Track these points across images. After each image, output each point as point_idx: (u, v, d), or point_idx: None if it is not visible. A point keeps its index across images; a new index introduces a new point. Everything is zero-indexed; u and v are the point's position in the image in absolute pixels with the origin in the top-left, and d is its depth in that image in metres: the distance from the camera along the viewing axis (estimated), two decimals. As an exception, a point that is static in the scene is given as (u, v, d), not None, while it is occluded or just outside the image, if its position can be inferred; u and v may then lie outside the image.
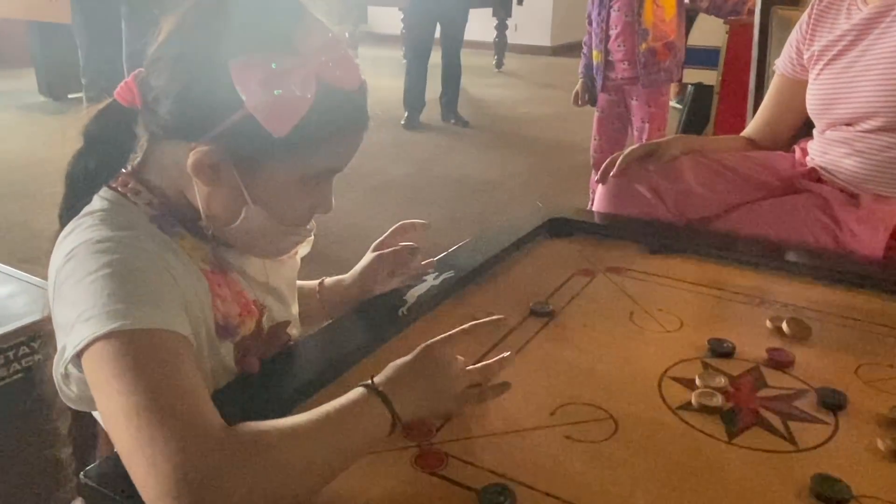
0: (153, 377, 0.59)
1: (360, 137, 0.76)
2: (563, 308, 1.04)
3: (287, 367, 0.83)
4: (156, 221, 0.73)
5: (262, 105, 0.66)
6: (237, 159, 0.70)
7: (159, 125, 0.71)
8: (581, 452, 0.73)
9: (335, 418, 0.63)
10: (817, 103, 1.40)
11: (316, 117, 0.68)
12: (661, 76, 2.90)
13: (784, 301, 1.08)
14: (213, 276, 0.76)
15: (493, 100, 6.44)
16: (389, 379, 0.69)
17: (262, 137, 0.67)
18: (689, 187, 1.36)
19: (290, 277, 0.92)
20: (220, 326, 0.76)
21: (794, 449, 0.74)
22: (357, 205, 3.51)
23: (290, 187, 0.73)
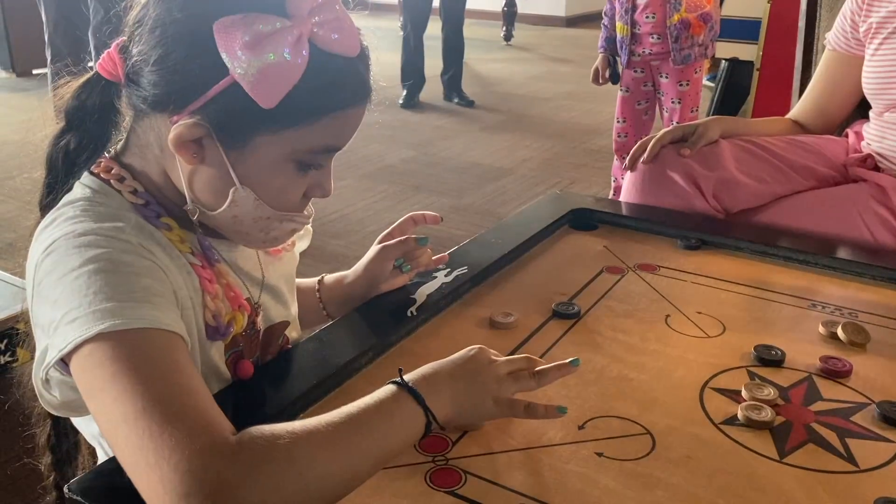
0: (152, 379, 0.59)
1: (361, 111, 0.75)
2: (589, 309, 1.04)
3: (284, 373, 0.83)
4: (140, 211, 0.73)
5: (248, 72, 0.66)
6: (223, 134, 0.70)
7: (142, 98, 0.71)
8: (615, 471, 0.72)
9: (359, 419, 0.63)
10: (875, 83, 1.40)
11: (310, 86, 0.68)
12: (696, 51, 2.90)
13: (838, 303, 1.08)
14: (203, 270, 0.76)
15: (502, 76, 6.44)
16: (423, 376, 0.70)
17: (249, 109, 0.67)
18: (730, 175, 1.35)
19: (289, 274, 0.92)
20: (209, 326, 0.76)
21: (854, 469, 0.74)
22: (350, 193, 3.51)
23: (282, 167, 0.72)
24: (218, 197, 0.73)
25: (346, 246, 2.94)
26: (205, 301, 0.75)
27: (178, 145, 0.70)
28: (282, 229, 0.78)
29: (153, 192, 0.76)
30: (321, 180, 0.77)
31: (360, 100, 0.74)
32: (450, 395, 0.69)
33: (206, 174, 0.72)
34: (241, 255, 0.83)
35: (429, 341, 0.95)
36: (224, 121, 0.69)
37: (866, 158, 1.41)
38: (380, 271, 0.99)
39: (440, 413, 0.67)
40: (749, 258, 1.22)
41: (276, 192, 0.74)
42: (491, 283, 1.11)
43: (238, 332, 0.79)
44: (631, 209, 1.37)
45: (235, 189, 0.72)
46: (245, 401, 0.77)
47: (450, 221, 3.16)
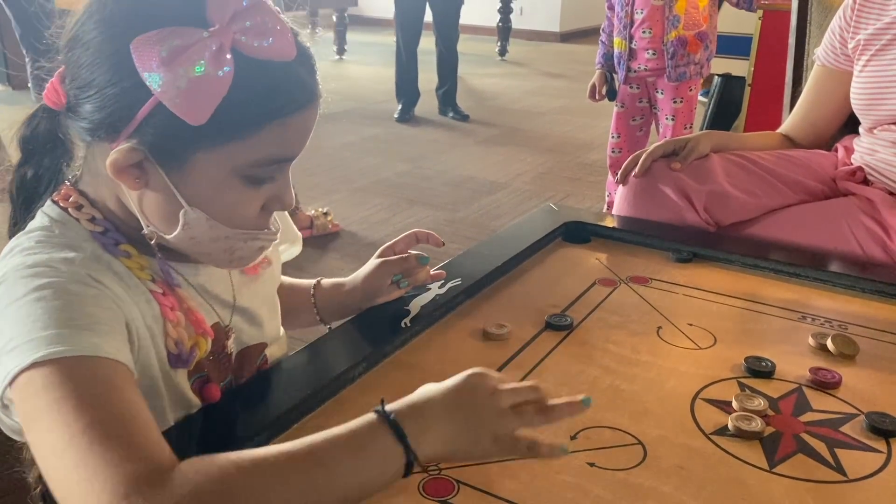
0: (86, 407, 0.57)
1: (308, 118, 0.71)
2: (582, 321, 1.05)
3: (257, 395, 0.82)
4: (99, 239, 0.71)
5: (169, 90, 0.63)
6: (160, 156, 0.67)
7: (82, 127, 0.69)
8: (606, 481, 0.73)
9: (323, 452, 0.58)
10: (863, 98, 1.42)
11: (242, 97, 0.64)
12: (691, 69, 2.92)
13: (828, 316, 1.09)
14: (165, 297, 0.74)
15: (496, 91, 6.47)
16: (411, 405, 0.63)
17: (181, 127, 0.64)
18: (721, 189, 1.37)
19: (267, 293, 0.89)
20: (171, 354, 0.74)
21: (843, 479, 0.75)
22: (345, 206, 3.52)
23: (229, 183, 0.69)
24: (170, 221, 0.71)
25: (340, 258, 2.95)
26: (166, 329, 0.73)
27: (118, 172, 0.68)
28: (247, 248, 0.75)
29: (111, 219, 0.74)
30: (278, 193, 0.73)
31: (302, 105, 0.69)
32: (442, 429, 0.62)
33: (153, 198, 0.70)
34: (210, 278, 0.80)
35: (422, 352, 0.95)
36: (158, 142, 0.66)
37: (855, 172, 1.43)
38: (378, 285, 0.99)
39: (426, 451, 0.61)
40: (740, 271, 1.23)
41: (227, 210, 0.71)
42: (484, 295, 1.11)
43: (202, 357, 0.77)
44: (623, 222, 1.39)
45: (185, 211, 0.70)
46: (207, 427, 0.76)
47: (444, 235, 3.16)
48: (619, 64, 3.03)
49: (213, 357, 0.79)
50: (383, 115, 5.39)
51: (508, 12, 7.96)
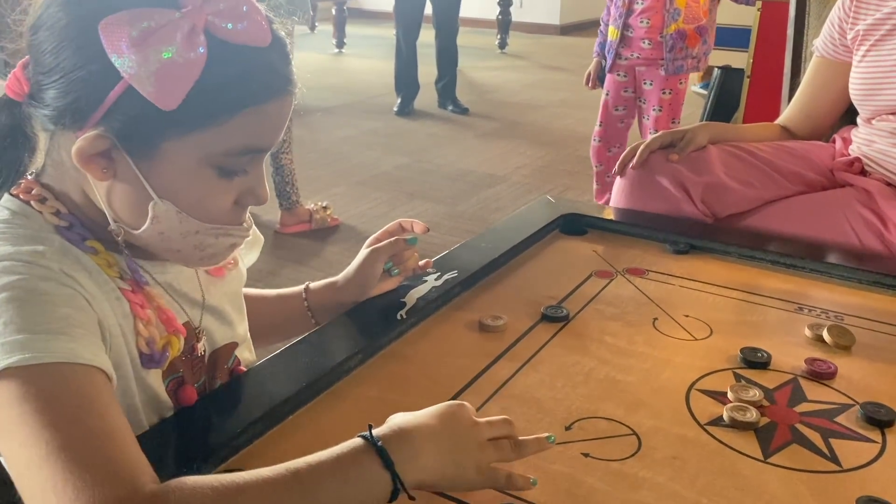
0: (61, 422, 0.55)
1: (282, 107, 0.69)
2: (578, 313, 1.05)
3: (251, 387, 0.82)
4: (64, 234, 0.68)
5: (140, 73, 0.60)
6: (128, 144, 0.65)
7: (46, 115, 0.66)
8: (601, 471, 0.73)
9: (308, 478, 0.57)
10: (862, 89, 1.41)
11: (214, 83, 0.63)
12: (688, 63, 2.93)
13: (824, 307, 1.09)
14: (135, 295, 0.71)
15: (496, 84, 6.46)
16: (397, 431, 0.62)
17: (151, 113, 0.62)
18: (719, 180, 1.36)
19: (234, 292, 0.87)
20: (143, 354, 0.72)
21: (837, 469, 0.75)
22: (344, 200, 3.52)
23: (200, 174, 0.67)
24: (138, 214, 0.68)
25: (340, 253, 2.95)
26: (137, 328, 0.71)
27: (84, 161, 0.65)
28: (218, 245, 0.72)
29: (76, 213, 0.71)
30: (252, 186, 0.71)
31: (276, 94, 0.68)
32: (428, 457, 0.62)
33: (121, 190, 0.68)
34: (178, 277, 0.78)
35: (418, 344, 0.96)
36: (127, 129, 0.64)
37: (853, 163, 1.42)
38: (370, 273, 0.99)
39: (412, 478, 0.60)
40: (737, 262, 1.23)
41: (198, 203, 0.69)
42: (481, 287, 1.11)
43: (175, 356, 0.75)
44: (620, 214, 1.38)
45: (154, 203, 0.67)
46: (185, 432, 0.75)
47: (443, 228, 3.17)
48: (608, 51, 3.04)
49: (185, 357, 0.77)
50: (383, 108, 5.38)
51: (508, 5, 7.94)
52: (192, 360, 0.79)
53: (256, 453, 0.73)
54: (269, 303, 0.99)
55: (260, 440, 0.75)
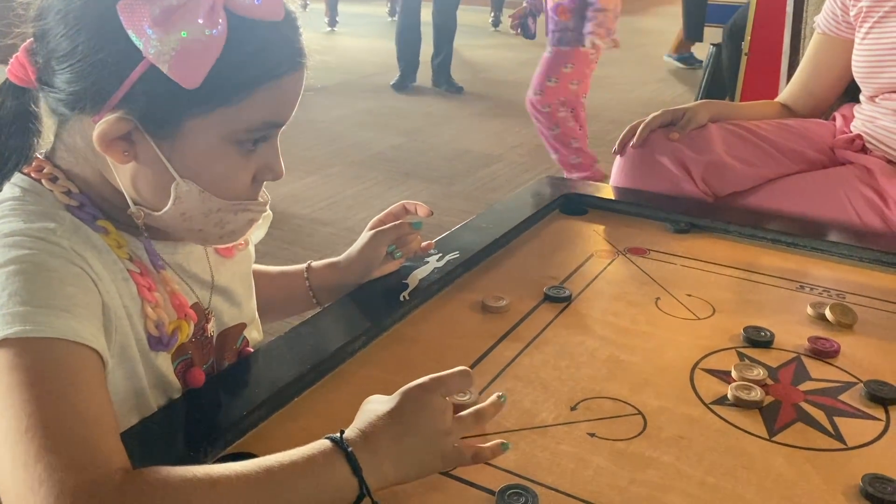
0: (46, 398, 0.55)
1: (297, 81, 0.70)
2: (580, 293, 1.04)
3: (256, 370, 0.81)
4: (75, 213, 0.68)
5: (163, 51, 0.60)
6: (150, 125, 0.65)
7: (59, 100, 0.66)
8: (606, 451, 0.73)
9: (280, 475, 0.57)
10: (865, 67, 1.41)
11: (235, 58, 0.63)
12: (568, 36, 3.12)
13: (826, 285, 1.09)
14: (143, 278, 0.71)
15: (491, 63, 6.42)
16: (364, 434, 0.62)
17: (173, 93, 0.62)
18: (719, 159, 1.36)
19: (244, 272, 0.87)
20: (152, 337, 0.71)
21: (842, 447, 0.75)
22: (340, 181, 3.50)
23: (222, 151, 0.67)
24: (160, 195, 0.68)
25: (335, 233, 2.94)
26: (145, 311, 0.71)
27: (105, 145, 0.65)
28: (237, 221, 0.73)
29: (88, 193, 0.70)
30: (269, 161, 0.72)
31: (293, 67, 0.68)
32: (393, 460, 0.62)
33: (143, 172, 0.67)
34: (188, 258, 0.78)
35: (421, 326, 0.95)
36: (149, 110, 0.64)
37: (854, 140, 1.42)
38: (373, 256, 0.99)
39: (378, 481, 0.61)
40: (738, 241, 1.23)
41: (220, 180, 0.69)
42: (483, 268, 1.11)
43: (184, 340, 0.75)
44: (621, 194, 1.38)
45: (177, 184, 0.67)
46: (194, 413, 0.75)
47: (440, 208, 3.16)
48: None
49: (194, 339, 0.77)
50: (377, 87, 5.35)
51: (502, -18, 7.88)
52: (202, 342, 0.79)
53: (262, 436, 0.73)
54: (272, 279, 0.98)
55: (265, 423, 0.75)
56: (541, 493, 0.66)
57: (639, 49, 7.22)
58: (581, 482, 0.69)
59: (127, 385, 0.71)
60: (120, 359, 0.69)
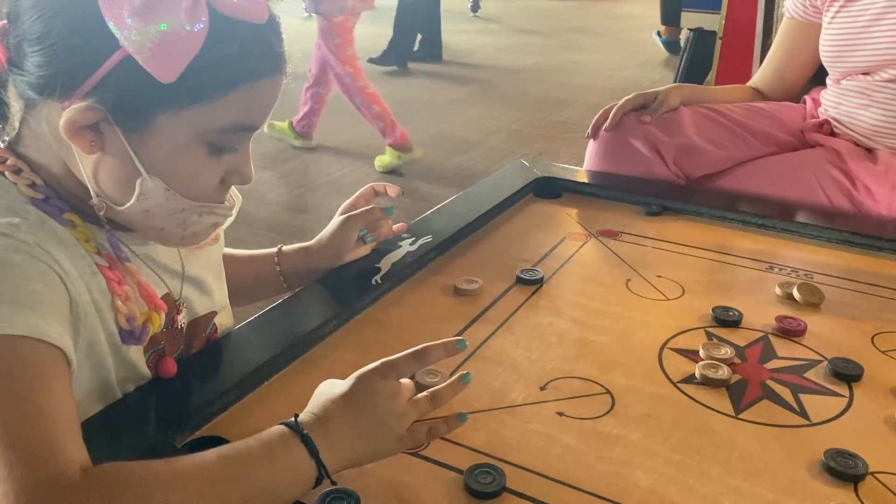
0: (13, 394, 0.54)
1: (275, 86, 0.68)
2: (552, 275, 1.05)
3: (226, 354, 0.81)
4: (40, 207, 0.67)
5: (141, 43, 0.59)
6: (121, 116, 0.63)
7: (28, 84, 0.64)
8: (575, 430, 0.74)
9: (239, 463, 0.58)
10: (832, 50, 1.42)
11: (213, 57, 0.62)
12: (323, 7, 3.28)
13: (794, 265, 1.10)
14: (111, 271, 0.70)
15: (470, 48, 6.41)
16: (319, 418, 0.63)
17: (147, 86, 0.61)
18: (691, 142, 1.37)
19: (214, 261, 0.87)
20: (123, 331, 0.71)
21: (806, 423, 0.77)
22: (316, 167, 3.49)
23: (192, 150, 0.66)
24: (124, 189, 0.67)
25: (312, 220, 2.93)
26: (115, 304, 0.70)
27: (72, 133, 0.63)
28: (201, 223, 0.71)
29: (54, 185, 0.69)
30: (239, 165, 0.71)
31: (271, 71, 0.67)
32: (348, 441, 0.63)
33: (109, 164, 0.66)
34: (158, 248, 0.77)
35: (394, 309, 0.95)
36: (120, 101, 0.63)
37: (823, 124, 1.43)
38: (345, 242, 0.99)
39: (334, 464, 0.61)
40: (709, 223, 1.24)
41: (187, 180, 0.68)
42: (455, 251, 1.11)
43: (155, 332, 0.74)
44: (594, 177, 1.39)
45: (142, 179, 0.66)
46: (163, 400, 0.74)
47: (418, 194, 3.15)
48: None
49: (165, 330, 0.77)
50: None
51: (480, -32, 7.86)
52: (172, 332, 0.78)
53: (232, 420, 0.73)
54: (241, 263, 0.98)
55: (235, 406, 0.75)
56: (509, 471, 0.67)
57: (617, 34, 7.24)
58: (549, 460, 0.69)
59: (94, 378, 0.70)
60: (87, 354, 0.68)
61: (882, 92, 1.35)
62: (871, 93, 1.36)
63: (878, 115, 1.35)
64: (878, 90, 1.35)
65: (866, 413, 0.78)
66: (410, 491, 0.65)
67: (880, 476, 0.69)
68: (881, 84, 1.35)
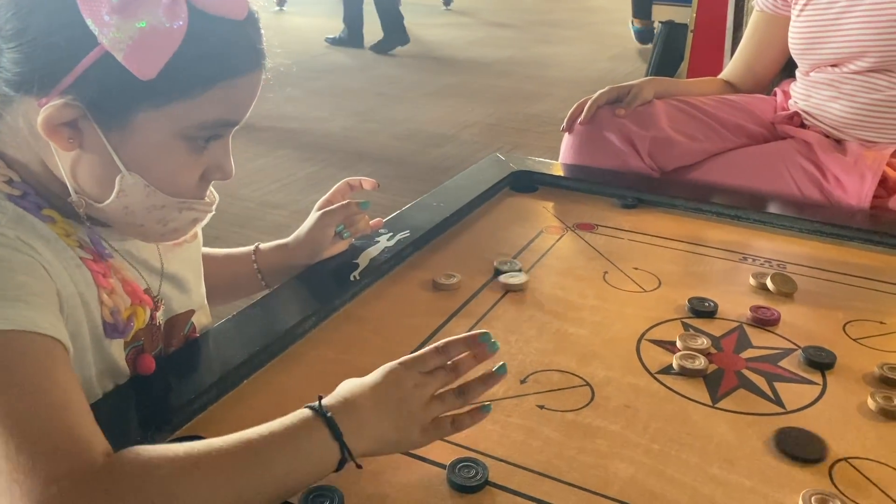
0: (16, 391, 0.54)
1: (255, 82, 0.69)
2: (530, 268, 1.06)
3: (205, 353, 0.81)
4: (18, 203, 0.66)
5: (119, 39, 0.59)
6: (99, 113, 0.63)
7: (4, 80, 0.64)
8: (556, 422, 0.75)
9: (260, 449, 0.57)
10: (800, 43, 1.44)
11: (193, 53, 0.62)
12: None
13: (768, 256, 1.12)
14: (96, 264, 0.70)
15: (442, 42, 6.39)
16: (344, 401, 0.63)
17: (126, 82, 0.61)
18: (665, 134, 1.38)
19: (193, 258, 0.86)
20: (107, 324, 0.70)
21: (781, 411, 0.78)
22: (291, 163, 3.47)
23: (172, 147, 0.66)
24: (104, 186, 0.66)
25: (288, 216, 2.91)
26: (101, 298, 0.69)
27: (50, 130, 0.63)
28: (181, 219, 0.71)
29: (31, 182, 0.68)
30: (219, 161, 0.70)
31: (251, 68, 0.67)
32: (374, 425, 0.62)
33: (88, 161, 0.66)
34: (137, 244, 0.77)
35: (373, 305, 0.95)
36: (99, 98, 0.62)
37: (793, 116, 1.45)
38: (322, 238, 0.98)
39: (359, 447, 0.61)
40: (683, 215, 1.25)
41: (168, 177, 0.67)
42: (433, 246, 1.12)
43: (140, 326, 0.74)
44: (569, 170, 1.39)
45: (122, 176, 0.66)
46: (144, 398, 0.74)
47: (393, 188, 3.15)
48: None
49: (146, 326, 0.76)
50: (328, 67, 5.30)
51: (452, -39, 7.85)
52: (151, 329, 0.78)
53: (212, 419, 0.73)
54: (218, 262, 0.97)
55: (215, 405, 0.75)
56: (491, 465, 0.67)
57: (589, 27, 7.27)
58: (530, 453, 0.70)
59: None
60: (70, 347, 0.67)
61: (850, 84, 1.37)
62: (839, 85, 1.38)
63: (846, 106, 1.37)
64: (846, 82, 1.37)
65: (839, 400, 0.80)
66: (393, 487, 0.65)
67: (853, 461, 0.71)
68: (849, 76, 1.37)
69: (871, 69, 1.34)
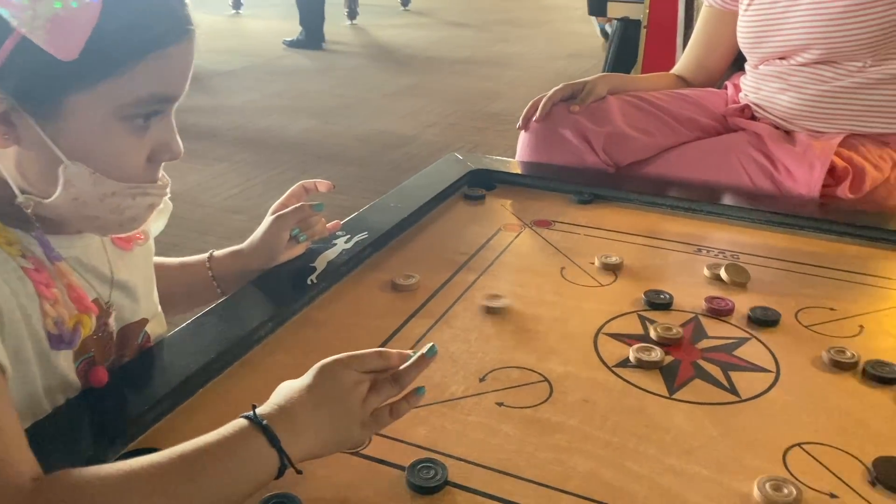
0: None
1: (186, 51, 0.66)
2: (488, 266, 1.06)
3: (159, 361, 0.80)
4: None
5: (34, 23, 0.57)
6: (29, 103, 0.61)
7: None
8: (515, 419, 0.75)
9: (195, 461, 0.56)
10: (748, 36, 1.46)
11: (114, 27, 0.60)
12: None
13: (722, 247, 1.13)
14: (38, 274, 0.67)
15: (401, 42, 6.38)
16: (280, 408, 0.61)
17: (50, 66, 0.58)
18: (619, 130, 1.39)
19: (144, 266, 0.84)
20: (52, 335, 0.68)
21: (737, 399, 0.79)
22: (250, 167, 3.43)
23: (111, 128, 0.64)
24: (48, 180, 0.64)
25: (248, 220, 2.88)
26: (44, 309, 0.67)
27: None
28: (136, 206, 0.69)
29: None
30: (165, 139, 0.68)
31: (179, 37, 0.65)
32: (311, 429, 0.61)
33: (27, 156, 0.63)
34: (86, 251, 0.74)
35: (332, 308, 0.95)
36: (25, 87, 0.60)
37: (744, 109, 1.48)
38: (277, 242, 0.97)
39: (298, 453, 0.60)
40: (639, 209, 1.26)
41: (112, 160, 0.65)
42: (392, 247, 1.11)
43: (87, 335, 0.72)
44: (526, 168, 1.40)
45: (65, 166, 0.63)
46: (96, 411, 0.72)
47: (355, 190, 3.13)
48: None
49: (96, 336, 0.74)
50: (286, 70, 5.26)
51: (409, -39, 7.84)
52: (103, 339, 0.76)
53: (168, 430, 0.72)
54: (172, 271, 0.95)
55: (170, 415, 0.73)
56: (450, 464, 0.67)
57: (547, 25, 7.31)
58: (489, 451, 0.70)
59: (21, 391, 0.67)
60: (12, 364, 0.64)
61: (797, 76, 1.39)
62: (787, 77, 1.41)
63: (794, 98, 1.39)
64: (793, 74, 1.40)
65: (792, 387, 0.81)
66: (353, 491, 0.65)
67: (806, 447, 0.72)
68: (796, 68, 1.39)
69: (817, 61, 1.36)
